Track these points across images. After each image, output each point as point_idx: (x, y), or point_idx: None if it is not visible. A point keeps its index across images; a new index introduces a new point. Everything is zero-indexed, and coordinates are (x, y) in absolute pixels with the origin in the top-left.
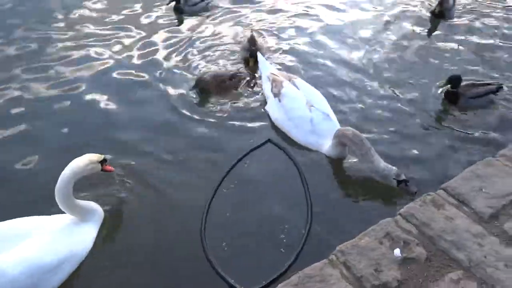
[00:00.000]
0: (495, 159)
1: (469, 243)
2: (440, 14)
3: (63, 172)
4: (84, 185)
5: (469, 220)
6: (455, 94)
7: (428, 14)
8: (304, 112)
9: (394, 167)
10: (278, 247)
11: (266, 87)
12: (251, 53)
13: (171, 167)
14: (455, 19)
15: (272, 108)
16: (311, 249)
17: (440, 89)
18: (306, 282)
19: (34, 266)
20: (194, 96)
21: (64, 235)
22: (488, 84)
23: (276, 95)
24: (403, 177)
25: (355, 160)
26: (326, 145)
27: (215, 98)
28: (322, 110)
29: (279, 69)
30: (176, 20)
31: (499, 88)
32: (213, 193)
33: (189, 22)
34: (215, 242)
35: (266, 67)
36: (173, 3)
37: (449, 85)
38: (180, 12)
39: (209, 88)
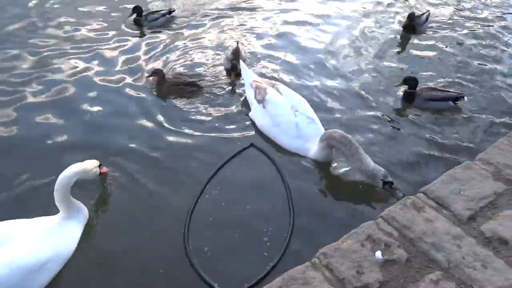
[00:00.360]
0: (473, 163)
1: (448, 245)
2: (410, 29)
3: (70, 167)
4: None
5: (448, 223)
6: (412, 94)
7: (400, 28)
8: (289, 117)
9: (382, 169)
10: (261, 250)
11: (250, 94)
12: (232, 66)
13: (156, 171)
14: (425, 34)
15: (257, 114)
16: (294, 252)
17: (400, 89)
18: (290, 285)
19: (20, 266)
20: (148, 86)
21: (49, 235)
22: (450, 91)
23: (260, 101)
24: (389, 178)
25: (342, 163)
26: (312, 149)
27: (168, 94)
28: (307, 115)
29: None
30: (138, 33)
31: (460, 97)
32: (197, 198)
33: (149, 35)
34: (198, 245)
35: (249, 75)
36: (134, 15)
37: (406, 86)
38: (140, 25)
39: (164, 82)
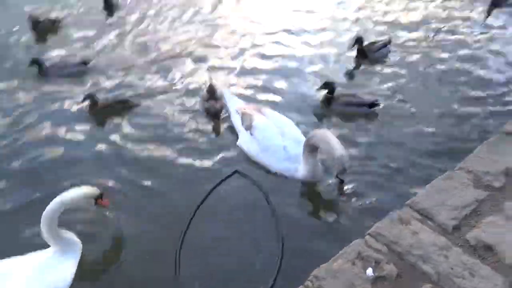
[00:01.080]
0: (454, 173)
1: (435, 256)
2: (361, 54)
3: (54, 200)
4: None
5: (434, 234)
6: (330, 98)
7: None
8: (277, 141)
9: (346, 164)
10: (253, 276)
11: (236, 121)
12: (215, 113)
13: (144, 202)
14: (382, 63)
15: (245, 142)
16: (286, 276)
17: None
18: None
19: None
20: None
21: (45, 273)
22: (365, 99)
23: (248, 128)
24: (342, 177)
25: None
26: (300, 169)
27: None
28: (294, 137)
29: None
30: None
31: (375, 104)
32: (186, 228)
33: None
34: (190, 273)
35: (233, 102)
36: (35, 67)
37: (326, 90)
38: (44, 75)
39: (95, 105)
